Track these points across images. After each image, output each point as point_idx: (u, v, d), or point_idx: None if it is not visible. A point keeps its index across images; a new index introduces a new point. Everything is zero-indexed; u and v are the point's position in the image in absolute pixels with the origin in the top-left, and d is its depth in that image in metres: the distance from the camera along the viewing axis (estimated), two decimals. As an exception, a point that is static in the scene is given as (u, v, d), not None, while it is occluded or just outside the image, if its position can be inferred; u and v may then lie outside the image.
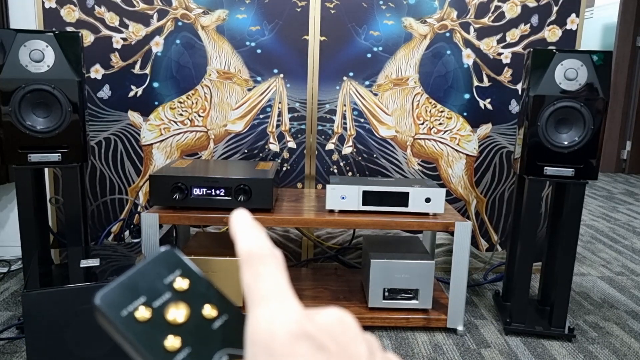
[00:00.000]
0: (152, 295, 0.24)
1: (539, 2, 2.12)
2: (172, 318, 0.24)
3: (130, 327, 0.23)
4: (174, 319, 0.24)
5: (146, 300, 0.24)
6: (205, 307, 0.25)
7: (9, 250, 2.31)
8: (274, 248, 0.26)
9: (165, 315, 0.24)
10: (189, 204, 1.71)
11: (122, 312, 0.23)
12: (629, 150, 5.17)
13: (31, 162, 1.64)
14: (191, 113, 2.15)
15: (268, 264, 0.25)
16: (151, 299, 0.24)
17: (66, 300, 1.38)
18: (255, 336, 0.22)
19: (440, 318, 1.79)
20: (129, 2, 2.06)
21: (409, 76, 2.15)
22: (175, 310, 0.24)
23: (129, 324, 0.23)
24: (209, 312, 0.25)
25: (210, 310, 0.25)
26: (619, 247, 2.85)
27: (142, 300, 0.24)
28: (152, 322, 0.23)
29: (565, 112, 1.64)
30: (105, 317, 0.23)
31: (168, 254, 0.26)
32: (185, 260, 0.26)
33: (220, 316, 0.25)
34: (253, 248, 0.26)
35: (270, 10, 2.09)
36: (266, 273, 0.25)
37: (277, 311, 0.23)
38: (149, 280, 0.25)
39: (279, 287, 0.24)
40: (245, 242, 0.26)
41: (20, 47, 1.59)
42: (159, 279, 0.25)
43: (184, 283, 0.25)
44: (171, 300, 0.24)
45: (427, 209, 1.75)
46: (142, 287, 0.24)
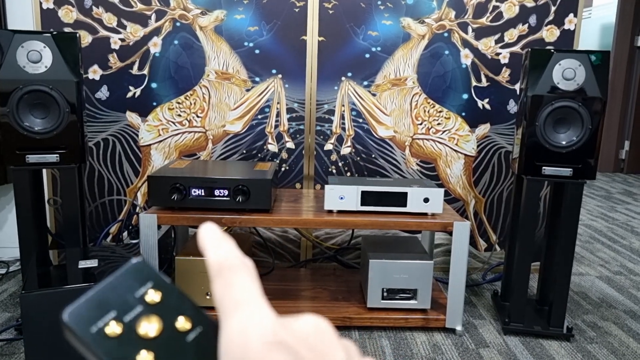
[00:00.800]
0: (122, 310, 0.23)
1: (537, 2, 2.12)
2: (144, 332, 0.23)
3: (101, 343, 0.22)
4: (146, 333, 0.23)
5: (117, 315, 0.23)
6: (178, 319, 0.24)
7: (7, 251, 2.31)
8: (245, 257, 0.26)
9: (137, 330, 0.23)
10: (187, 205, 1.71)
11: (92, 328, 0.22)
12: (627, 150, 5.18)
13: (29, 163, 1.64)
14: (189, 114, 2.15)
15: (239, 273, 0.25)
16: (122, 313, 0.23)
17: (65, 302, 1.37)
18: (229, 346, 0.22)
19: (439, 318, 1.79)
20: (127, 3, 2.06)
21: (408, 76, 2.15)
22: (147, 324, 0.23)
23: (99, 340, 0.22)
24: (183, 324, 0.24)
25: (184, 322, 0.24)
26: (618, 247, 2.85)
27: (112, 315, 0.23)
28: (123, 337, 0.23)
29: (563, 112, 1.64)
30: (74, 334, 0.22)
31: (139, 266, 0.25)
32: (156, 272, 0.25)
33: (194, 328, 0.24)
34: (223, 258, 0.25)
35: (269, 11, 2.08)
36: (238, 282, 0.24)
37: (250, 320, 0.23)
38: (119, 294, 0.24)
39: (251, 296, 0.24)
40: (214, 253, 0.25)
41: (17, 48, 1.59)
42: (130, 292, 0.24)
43: (156, 296, 0.25)
44: (143, 313, 0.24)
45: (425, 209, 1.75)
46: (112, 302, 0.23)
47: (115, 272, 0.24)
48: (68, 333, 0.23)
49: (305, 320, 0.24)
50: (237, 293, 0.24)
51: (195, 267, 1.76)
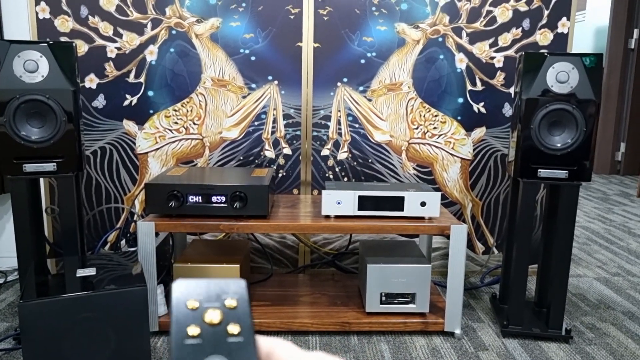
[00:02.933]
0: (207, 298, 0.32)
1: (530, 6, 2.13)
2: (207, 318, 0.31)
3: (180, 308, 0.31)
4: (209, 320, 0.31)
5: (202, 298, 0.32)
6: (232, 325, 0.31)
7: (5, 261, 2.30)
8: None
9: (204, 313, 0.31)
10: (185, 212, 1.71)
11: (183, 297, 0.32)
12: (623, 152, 5.20)
13: (26, 172, 1.64)
14: (186, 121, 2.16)
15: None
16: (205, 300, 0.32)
17: (63, 310, 1.38)
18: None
19: (438, 322, 1.79)
20: (123, 12, 2.07)
21: (403, 81, 2.16)
22: (212, 313, 0.31)
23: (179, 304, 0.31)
24: (232, 329, 0.31)
25: (234, 328, 0.31)
26: (615, 248, 2.86)
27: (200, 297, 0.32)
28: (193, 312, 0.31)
29: (557, 114, 1.65)
30: (171, 295, 0.32)
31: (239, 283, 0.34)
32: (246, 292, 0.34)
33: (237, 336, 0.31)
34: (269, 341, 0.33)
35: (264, 18, 2.10)
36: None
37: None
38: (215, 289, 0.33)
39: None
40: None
41: (14, 58, 1.60)
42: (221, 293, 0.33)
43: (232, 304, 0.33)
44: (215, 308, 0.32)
45: (422, 213, 1.76)
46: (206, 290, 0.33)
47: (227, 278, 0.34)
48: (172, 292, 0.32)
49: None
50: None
51: (193, 274, 1.76)
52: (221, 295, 0.33)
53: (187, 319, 0.31)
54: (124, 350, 1.44)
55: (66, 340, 1.38)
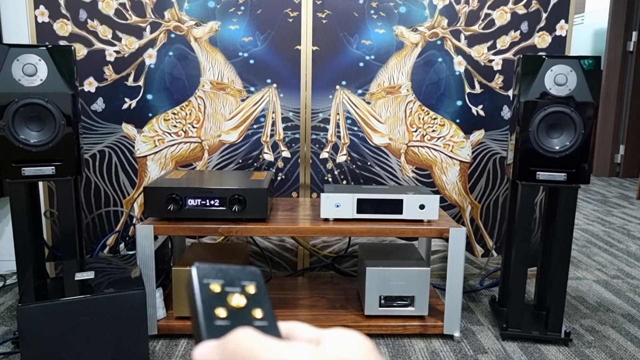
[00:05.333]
0: (228, 283, 0.34)
1: (528, 9, 2.14)
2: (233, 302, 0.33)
3: (203, 289, 0.33)
4: (234, 302, 0.33)
5: (223, 283, 0.34)
6: (256, 309, 0.34)
7: (4, 264, 2.30)
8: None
9: (228, 297, 0.33)
10: (184, 215, 1.71)
11: (204, 280, 0.33)
12: (622, 154, 5.20)
13: (25, 176, 1.64)
14: (185, 124, 2.16)
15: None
16: (226, 284, 0.34)
17: (62, 314, 1.37)
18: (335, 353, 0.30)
19: (437, 325, 1.79)
20: (122, 15, 2.07)
21: (402, 84, 2.17)
22: (238, 297, 0.33)
23: (203, 287, 0.33)
24: (257, 313, 0.33)
25: (258, 312, 0.33)
26: (614, 251, 2.86)
27: (220, 281, 0.34)
28: (218, 295, 0.33)
29: (556, 117, 1.65)
30: (191, 277, 0.33)
31: (255, 271, 0.36)
32: (263, 280, 0.36)
33: (262, 319, 0.33)
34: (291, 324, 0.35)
35: (263, 21, 2.10)
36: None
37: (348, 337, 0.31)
38: (233, 276, 0.35)
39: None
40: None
41: (13, 62, 1.60)
42: (240, 279, 0.35)
43: (252, 290, 0.35)
44: (238, 292, 0.34)
45: (421, 215, 1.76)
46: (226, 276, 0.34)
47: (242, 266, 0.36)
48: (189, 276, 0.33)
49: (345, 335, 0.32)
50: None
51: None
52: (240, 281, 0.34)
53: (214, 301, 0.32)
54: (123, 353, 1.44)
55: (65, 344, 1.38)
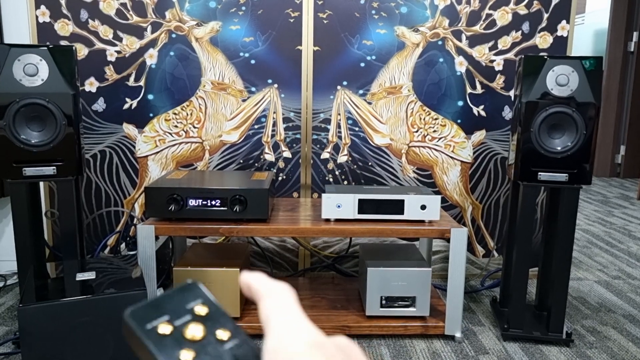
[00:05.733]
0: (174, 316, 0.29)
1: (529, 10, 2.14)
2: (190, 336, 0.28)
3: (152, 338, 0.27)
4: (192, 336, 0.28)
5: (169, 319, 0.28)
6: (219, 331, 0.29)
7: (5, 264, 2.30)
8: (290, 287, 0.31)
9: (183, 333, 0.28)
10: (184, 215, 1.71)
11: (147, 325, 0.28)
12: (623, 154, 5.20)
13: (26, 176, 1.64)
14: (186, 124, 2.16)
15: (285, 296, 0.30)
16: (174, 318, 0.28)
17: (62, 314, 1.37)
18: (277, 345, 0.26)
19: (438, 325, 1.79)
20: (123, 15, 2.07)
21: (403, 84, 2.16)
22: (194, 328, 0.28)
23: (151, 335, 0.27)
24: (222, 335, 0.29)
25: (223, 334, 0.29)
26: (615, 251, 2.85)
27: (165, 318, 0.28)
28: (171, 336, 0.28)
29: (557, 117, 1.65)
30: (131, 329, 0.27)
31: (193, 286, 0.31)
32: (206, 293, 0.31)
33: (231, 339, 0.29)
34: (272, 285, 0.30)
35: (264, 21, 2.10)
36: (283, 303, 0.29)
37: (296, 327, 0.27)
38: (174, 304, 0.29)
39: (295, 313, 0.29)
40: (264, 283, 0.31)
41: (14, 62, 1.60)
42: (182, 304, 0.29)
43: (203, 310, 0.30)
44: (190, 321, 0.29)
45: (422, 216, 1.76)
46: (167, 308, 0.29)
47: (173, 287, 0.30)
48: (126, 328, 0.28)
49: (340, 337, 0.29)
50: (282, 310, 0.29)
51: (193, 277, 1.75)
52: (186, 306, 0.29)
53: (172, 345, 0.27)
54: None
55: (65, 344, 1.38)
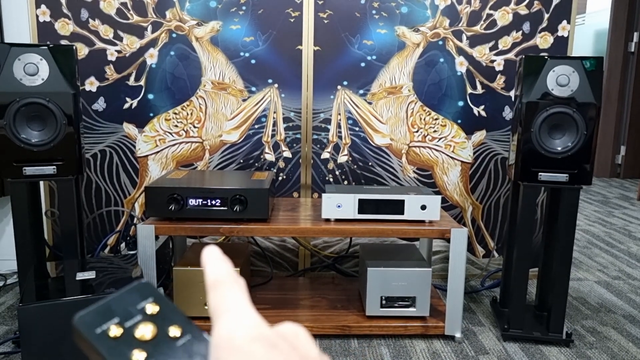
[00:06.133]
0: (124, 317, 0.28)
1: (530, 10, 2.14)
2: (140, 335, 0.28)
3: (103, 342, 0.27)
4: (142, 336, 0.28)
5: (119, 321, 0.28)
6: (171, 328, 0.29)
7: (5, 264, 2.30)
8: (238, 276, 0.30)
9: (134, 334, 0.28)
10: (185, 215, 1.71)
11: (97, 330, 0.27)
12: (623, 155, 5.20)
13: (26, 176, 1.64)
14: (186, 124, 2.16)
15: (231, 287, 0.29)
16: (123, 320, 0.28)
17: (62, 314, 1.37)
18: (219, 339, 0.26)
19: (438, 325, 1.79)
20: (123, 15, 2.07)
21: (403, 84, 2.16)
22: (143, 328, 0.28)
23: (101, 339, 0.27)
24: (174, 332, 0.28)
25: (175, 331, 0.28)
26: (615, 252, 2.85)
27: (115, 320, 0.28)
28: (122, 338, 0.27)
29: (558, 118, 1.65)
30: (81, 334, 0.27)
31: (143, 285, 0.30)
32: (157, 291, 0.30)
33: (183, 336, 0.28)
34: (219, 275, 0.30)
35: (264, 21, 2.10)
36: (229, 294, 0.29)
37: (237, 320, 0.27)
38: (124, 305, 0.29)
39: (240, 303, 0.28)
40: (213, 271, 0.30)
41: (14, 61, 1.60)
42: (133, 304, 0.29)
43: (155, 308, 0.29)
44: (141, 321, 0.28)
45: (422, 216, 1.76)
46: (117, 311, 0.28)
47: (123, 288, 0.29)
48: (76, 334, 0.27)
49: (285, 325, 0.28)
50: (228, 302, 0.28)
51: (193, 277, 1.76)
52: (136, 306, 0.29)
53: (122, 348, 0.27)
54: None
55: (65, 344, 1.38)
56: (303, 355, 0.26)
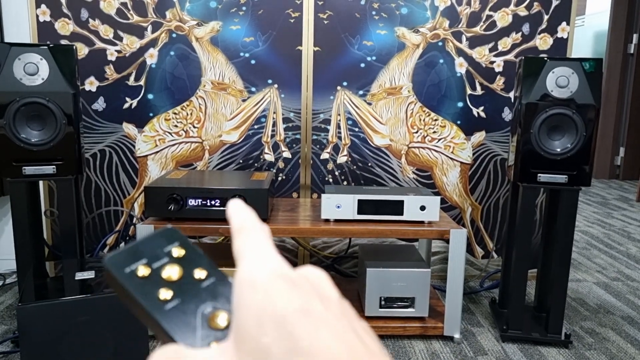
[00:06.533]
0: (152, 259, 0.29)
1: (530, 11, 2.14)
2: (167, 276, 0.29)
3: (131, 280, 0.28)
4: (169, 277, 0.29)
5: (147, 262, 0.29)
6: (196, 270, 0.30)
7: (4, 263, 2.30)
8: (262, 223, 0.31)
9: (161, 274, 0.29)
10: (184, 215, 1.71)
11: (126, 269, 0.29)
12: (622, 156, 5.20)
13: (26, 175, 1.64)
14: (186, 124, 2.16)
15: (256, 232, 0.30)
16: (151, 261, 0.29)
17: (61, 313, 1.37)
18: (241, 278, 0.27)
19: (437, 326, 1.79)
20: (123, 15, 2.07)
21: (403, 85, 2.17)
22: (170, 269, 0.29)
23: (130, 278, 0.28)
24: (199, 274, 0.30)
25: (200, 273, 0.30)
26: (614, 253, 2.86)
27: (143, 261, 0.29)
28: (149, 278, 0.29)
29: (557, 119, 1.65)
30: (110, 273, 0.28)
31: (170, 230, 0.32)
32: (183, 236, 0.32)
33: (208, 278, 0.30)
34: (245, 221, 0.31)
35: (264, 21, 2.10)
36: (254, 238, 0.30)
37: (261, 260, 0.28)
38: (151, 248, 0.30)
39: (264, 246, 0.29)
40: (238, 218, 0.31)
41: (14, 61, 1.60)
42: (160, 247, 0.30)
43: (181, 252, 0.31)
44: (168, 263, 0.30)
45: (422, 217, 1.76)
46: (145, 252, 0.30)
47: (150, 233, 0.31)
48: (107, 274, 0.29)
49: (307, 267, 0.29)
50: (252, 245, 0.29)
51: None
52: (163, 249, 0.30)
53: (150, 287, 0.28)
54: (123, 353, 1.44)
55: (64, 344, 1.38)
56: (323, 296, 0.27)
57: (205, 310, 0.28)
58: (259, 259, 0.28)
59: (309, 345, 0.24)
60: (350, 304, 0.28)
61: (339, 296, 0.28)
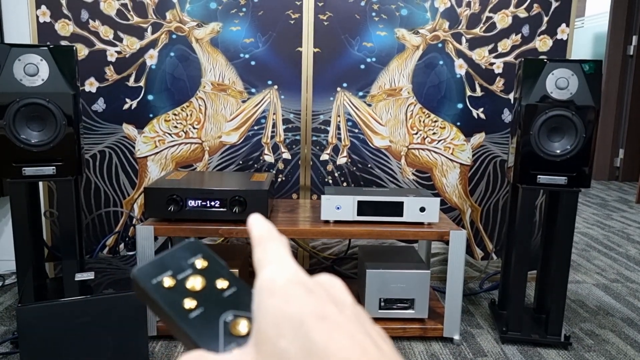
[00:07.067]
0: (177, 270, 0.32)
1: (529, 13, 2.14)
2: (191, 286, 0.31)
3: (158, 291, 0.30)
4: (193, 287, 0.31)
5: (172, 273, 0.31)
6: (218, 281, 0.32)
7: (3, 264, 2.30)
8: (280, 234, 0.33)
9: (185, 284, 0.31)
10: (184, 216, 1.71)
11: (153, 280, 0.31)
12: (622, 158, 5.21)
13: (25, 176, 1.64)
14: (186, 125, 2.16)
15: (274, 242, 0.32)
16: (176, 272, 0.31)
17: (61, 314, 1.37)
18: (261, 283, 0.28)
19: (437, 327, 1.79)
20: (123, 16, 2.07)
21: (402, 86, 2.17)
22: (193, 280, 0.31)
23: (156, 289, 0.30)
24: (221, 284, 0.32)
25: (222, 283, 0.32)
26: (614, 255, 2.86)
27: (169, 273, 0.31)
28: (175, 288, 0.31)
29: (557, 120, 1.65)
30: (139, 284, 0.30)
31: (193, 243, 0.34)
32: (206, 248, 0.34)
33: (230, 288, 0.32)
34: (264, 232, 0.32)
35: (264, 22, 2.10)
36: (272, 248, 0.31)
37: (279, 268, 0.29)
38: (176, 260, 0.32)
39: (282, 255, 0.31)
40: (258, 230, 0.33)
41: (14, 61, 1.60)
42: (184, 259, 0.32)
43: (204, 263, 0.33)
44: (191, 274, 0.32)
45: (421, 218, 1.76)
46: (170, 264, 0.32)
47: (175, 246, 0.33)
48: (135, 285, 0.31)
49: (323, 275, 0.31)
50: (271, 254, 0.31)
51: (192, 278, 1.75)
52: (187, 261, 0.32)
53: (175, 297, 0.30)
54: (122, 354, 1.44)
55: (64, 345, 1.38)
56: (338, 301, 0.28)
57: (227, 318, 0.30)
58: (278, 267, 0.29)
59: (325, 347, 0.25)
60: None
61: (353, 301, 0.30)
